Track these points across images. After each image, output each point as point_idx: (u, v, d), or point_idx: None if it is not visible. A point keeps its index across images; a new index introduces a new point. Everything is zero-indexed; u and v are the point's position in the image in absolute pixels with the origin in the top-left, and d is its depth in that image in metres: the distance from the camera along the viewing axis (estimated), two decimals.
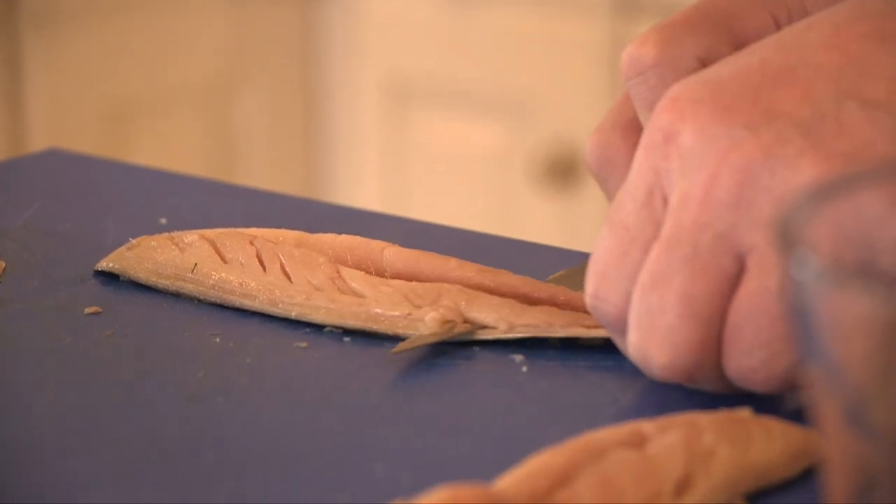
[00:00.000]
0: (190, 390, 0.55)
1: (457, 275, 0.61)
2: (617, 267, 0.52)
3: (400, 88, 1.99)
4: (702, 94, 0.52)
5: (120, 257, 0.65)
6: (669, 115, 0.52)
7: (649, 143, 0.52)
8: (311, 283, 0.61)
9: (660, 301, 0.51)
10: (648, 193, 0.52)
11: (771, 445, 0.48)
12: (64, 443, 0.51)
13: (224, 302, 0.62)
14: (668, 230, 0.51)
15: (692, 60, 0.67)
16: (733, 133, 0.50)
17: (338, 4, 2.03)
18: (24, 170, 0.81)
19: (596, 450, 0.47)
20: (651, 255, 0.51)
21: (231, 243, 0.63)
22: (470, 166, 1.94)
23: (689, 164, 0.51)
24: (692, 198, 0.51)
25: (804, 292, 0.36)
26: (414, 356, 0.58)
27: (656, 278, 0.51)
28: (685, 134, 0.51)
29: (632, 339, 0.52)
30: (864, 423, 0.36)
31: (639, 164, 0.52)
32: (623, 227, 0.52)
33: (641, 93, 0.68)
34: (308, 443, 0.51)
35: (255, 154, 2.02)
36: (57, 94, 1.79)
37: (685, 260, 0.50)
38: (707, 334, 0.51)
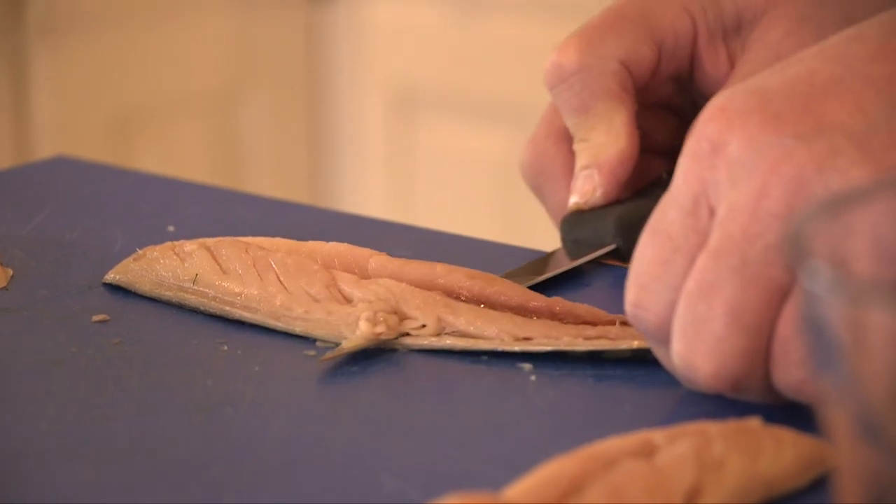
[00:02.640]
0: (198, 400, 0.55)
1: (442, 282, 0.61)
2: (659, 276, 0.52)
3: (404, 96, 1.99)
4: (750, 104, 0.51)
5: (126, 269, 0.64)
6: (717, 124, 0.51)
7: (695, 152, 0.51)
8: (309, 294, 0.60)
9: (707, 310, 0.50)
10: (694, 203, 0.51)
11: (781, 455, 0.48)
12: (70, 452, 0.51)
13: (225, 314, 0.61)
14: (717, 240, 0.50)
15: (613, 63, 0.68)
16: (784, 143, 0.50)
17: (342, 12, 2.04)
18: (31, 177, 0.81)
19: (605, 459, 0.47)
20: (698, 265, 0.51)
21: (228, 252, 0.63)
22: (475, 174, 1.94)
23: (738, 174, 0.50)
24: (742, 208, 0.50)
25: (816, 303, 0.36)
26: (422, 366, 0.58)
27: (703, 288, 0.50)
28: (733, 144, 0.51)
29: (676, 349, 0.51)
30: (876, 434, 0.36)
31: (684, 173, 0.52)
32: (666, 236, 0.52)
33: (567, 99, 0.69)
34: (316, 454, 0.51)
35: (261, 162, 2.02)
36: (63, 102, 1.79)
37: (734, 270, 0.50)
38: (755, 345, 0.50)
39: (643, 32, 0.69)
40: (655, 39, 0.69)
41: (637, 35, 0.68)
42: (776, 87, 0.51)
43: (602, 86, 0.68)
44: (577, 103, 0.68)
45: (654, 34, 0.69)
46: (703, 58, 0.70)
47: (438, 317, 0.59)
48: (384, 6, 1.99)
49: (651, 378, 0.56)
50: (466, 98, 1.93)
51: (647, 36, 0.69)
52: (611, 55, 0.68)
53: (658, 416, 0.53)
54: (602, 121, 0.68)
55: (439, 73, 1.95)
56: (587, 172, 0.68)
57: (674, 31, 0.69)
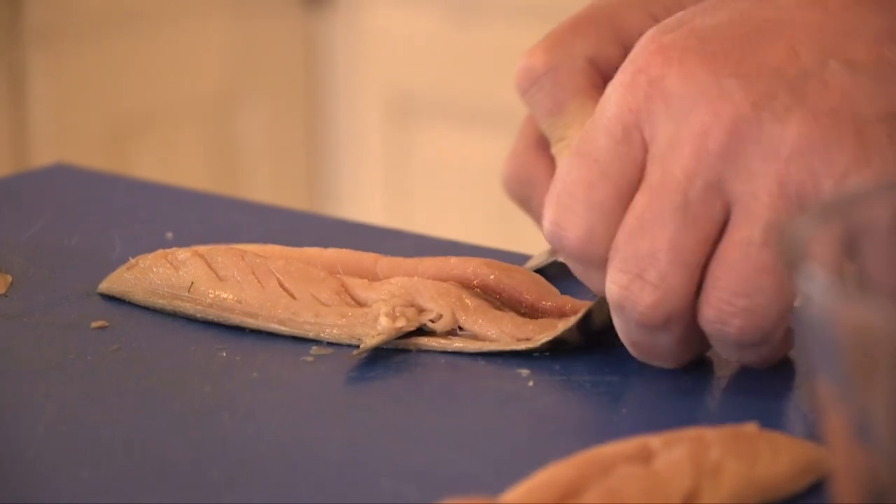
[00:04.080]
0: (196, 406, 0.55)
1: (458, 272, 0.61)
2: (582, 198, 0.53)
3: (402, 103, 1.99)
4: (688, 42, 0.53)
5: (119, 279, 0.64)
6: (655, 57, 0.53)
7: (630, 82, 0.53)
8: (318, 299, 0.61)
9: (650, 247, 0.52)
10: (625, 131, 0.53)
11: (777, 460, 0.48)
12: (69, 457, 0.51)
13: (223, 321, 0.61)
14: (657, 177, 0.52)
15: (582, 61, 0.69)
16: (722, 82, 0.51)
17: (340, 19, 2.04)
18: (30, 184, 0.81)
19: (603, 464, 0.47)
20: (638, 201, 0.52)
21: (223, 260, 0.63)
22: (473, 181, 1.94)
23: (676, 108, 0.52)
24: (683, 146, 0.52)
25: (811, 306, 0.36)
26: (420, 371, 0.58)
27: (645, 225, 0.52)
28: (671, 78, 0.52)
29: (617, 279, 0.53)
30: (872, 437, 0.36)
31: (616, 102, 0.53)
32: (593, 160, 0.53)
33: (540, 100, 0.70)
34: (314, 458, 0.51)
35: (259, 169, 2.02)
36: (61, 109, 1.80)
37: (676, 208, 0.51)
38: (693, 280, 0.52)
39: (609, 33, 0.70)
40: (621, 40, 0.70)
41: (602, 36, 0.70)
42: (711, 28, 0.53)
43: (573, 83, 0.69)
44: (549, 103, 0.69)
45: (620, 35, 0.70)
46: None
47: (452, 309, 0.59)
48: (382, 13, 2.00)
49: (648, 383, 0.56)
50: (464, 105, 1.93)
51: (613, 37, 0.70)
52: (579, 54, 0.69)
53: (655, 421, 0.53)
54: (577, 118, 0.69)
55: (437, 79, 1.96)
56: None
57: (639, 32, 0.70)
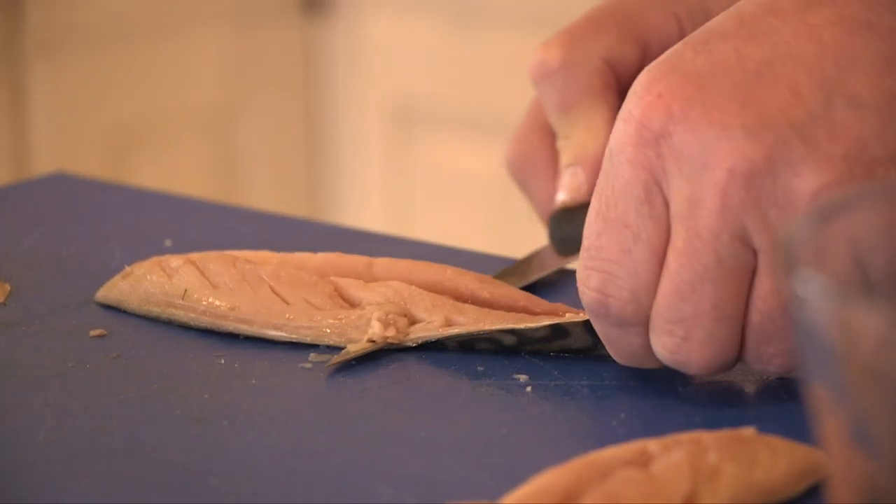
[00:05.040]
0: (195, 413, 0.55)
1: (451, 285, 0.61)
2: (622, 265, 0.53)
3: (403, 111, 1.99)
4: (687, 91, 0.52)
5: (114, 287, 0.64)
6: (657, 113, 0.52)
7: (638, 140, 0.52)
8: (311, 303, 0.61)
9: (693, 309, 0.52)
10: (646, 191, 0.52)
11: (775, 464, 0.48)
12: (68, 465, 0.51)
13: (217, 328, 0.61)
14: (684, 239, 0.52)
15: (597, 61, 0.69)
16: (731, 135, 0.51)
17: (340, 28, 2.04)
18: (30, 193, 0.81)
19: (601, 469, 0.47)
20: (671, 265, 0.52)
21: (216, 266, 0.63)
22: (473, 189, 1.94)
23: (689, 168, 0.51)
24: (703, 206, 0.51)
25: (807, 310, 0.37)
26: (418, 377, 0.58)
27: (683, 288, 0.52)
28: (679, 135, 0.52)
29: (665, 344, 0.53)
30: (868, 441, 0.36)
31: (629, 160, 0.53)
32: (623, 225, 0.53)
33: (550, 95, 0.70)
34: (313, 465, 0.51)
35: (259, 177, 2.02)
36: (62, 118, 1.80)
37: (710, 268, 0.52)
38: (738, 330, 0.53)
39: (628, 32, 0.69)
40: (640, 40, 0.70)
41: (622, 35, 0.69)
42: (708, 72, 0.52)
43: (585, 83, 0.69)
44: (559, 100, 0.69)
45: (639, 35, 0.70)
46: None
47: (446, 317, 0.59)
48: (382, 22, 2.00)
49: (646, 388, 0.56)
50: (464, 113, 1.93)
51: (632, 36, 0.69)
52: (594, 53, 0.69)
53: (653, 425, 0.53)
54: (584, 118, 0.69)
55: (437, 88, 1.96)
56: (571, 170, 0.69)
57: (659, 33, 0.70)
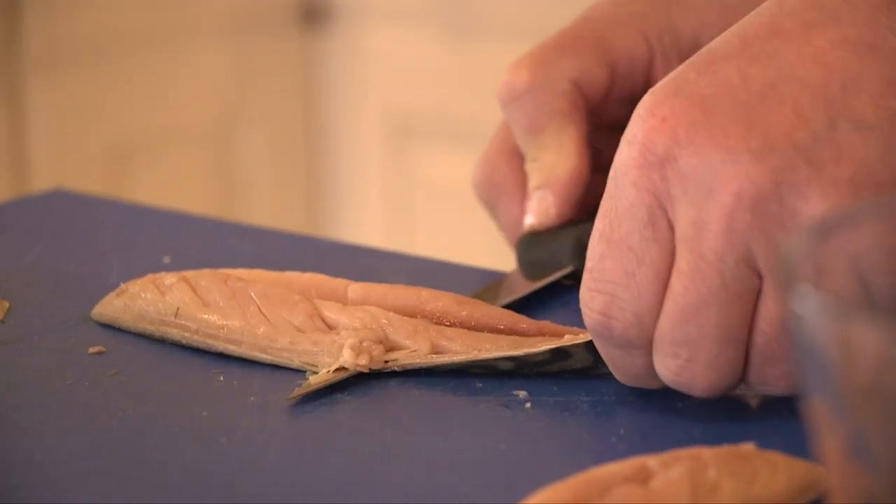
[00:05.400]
0: (193, 430, 0.55)
1: (429, 308, 0.61)
2: (626, 287, 0.53)
3: (402, 125, 1.99)
4: (692, 114, 0.52)
5: (109, 305, 0.64)
6: (662, 136, 0.52)
7: (642, 162, 0.52)
8: (292, 324, 0.60)
9: (698, 332, 0.52)
10: (650, 214, 0.52)
11: (774, 479, 0.48)
12: (67, 483, 0.51)
13: (208, 347, 0.61)
14: (689, 262, 0.51)
15: (565, 83, 0.69)
16: (737, 159, 0.51)
17: (338, 41, 2.04)
18: (28, 209, 0.81)
19: (601, 485, 0.47)
20: (676, 287, 0.52)
21: (207, 284, 0.62)
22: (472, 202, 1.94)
23: (694, 192, 0.51)
24: (709, 229, 0.51)
25: (805, 326, 0.36)
26: (416, 393, 0.58)
27: (688, 310, 0.52)
28: (684, 158, 0.51)
29: (669, 365, 0.53)
30: (867, 456, 0.36)
31: (633, 183, 0.52)
32: (626, 247, 0.53)
33: (518, 118, 0.69)
34: (310, 482, 0.51)
35: (258, 192, 2.02)
36: (60, 134, 1.80)
37: (715, 291, 0.51)
38: (743, 352, 0.52)
39: (597, 54, 0.69)
40: (609, 62, 0.69)
41: (590, 56, 0.69)
42: (712, 95, 0.52)
43: (553, 106, 0.68)
44: (527, 123, 0.69)
45: (609, 57, 0.69)
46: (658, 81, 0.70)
47: (432, 343, 0.59)
48: (380, 34, 2.00)
49: (645, 404, 0.56)
50: (464, 126, 1.93)
51: (601, 58, 0.69)
52: (563, 75, 0.69)
53: (652, 441, 0.53)
54: (552, 140, 0.69)
55: (436, 100, 1.96)
56: (540, 193, 0.69)
57: (629, 54, 0.70)
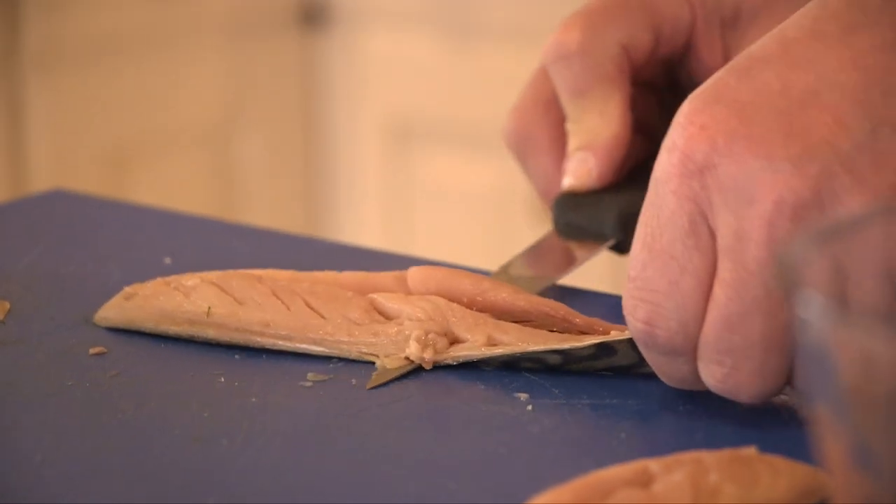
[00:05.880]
0: (194, 431, 0.55)
1: (491, 297, 0.61)
2: (669, 296, 0.53)
3: (400, 127, 1.99)
4: (731, 122, 0.51)
5: (119, 308, 0.63)
6: (701, 145, 0.51)
7: (682, 170, 0.52)
8: (348, 318, 0.60)
9: (743, 341, 0.52)
10: (692, 223, 0.52)
11: (776, 484, 0.48)
12: (67, 485, 0.51)
13: (248, 343, 0.61)
14: (732, 272, 0.51)
15: (616, 47, 0.68)
16: (777, 167, 0.50)
17: (337, 43, 2.04)
18: (28, 210, 0.81)
19: (602, 489, 0.47)
20: (719, 296, 0.52)
21: (238, 284, 0.63)
22: (471, 204, 1.94)
23: (735, 200, 0.51)
24: (750, 238, 0.51)
25: (809, 331, 0.36)
26: (418, 396, 0.58)
27: (732, 320, 0.52)
28: (724, 167, 0.51)
29: (715, 373, 0.53)
30: (870, 463, 0.36)
31: (674, 192, 0.52)
32: (669, 256, 0.52)
33: (564, 77, 0.69)
34: (311, 485, 0.51)
35: (257, 194, 2.02)
36: (59, 135, 1.80)
37: (759, 300, 0.51)
38: (788, 359, 0.52)
39: (644, 18, 0.69)
40: (654, 26, 0.69)
41: (638, 20, 0.69)
42: (751, 101, 0.51)
43: (601, 69, 0.68)
44: (573, 84, 0.68)
45: (654, 20, 0.69)
46: (699, 47, 0.70)
47: (489, 336, 0.59)
48: (379, 37, 2.00)
49: (647, 407, 0.56)
50: (463, 128, 1.93)
51: (647, 22, 0.69)
52: (613, 39, 0.68)
53: (654, 445, 0.53)
54: (597, 104, 0.68)
55: (435, 103, 1.96)
56: (581, 155, 0.68)
57: (673, 18, 0.70)
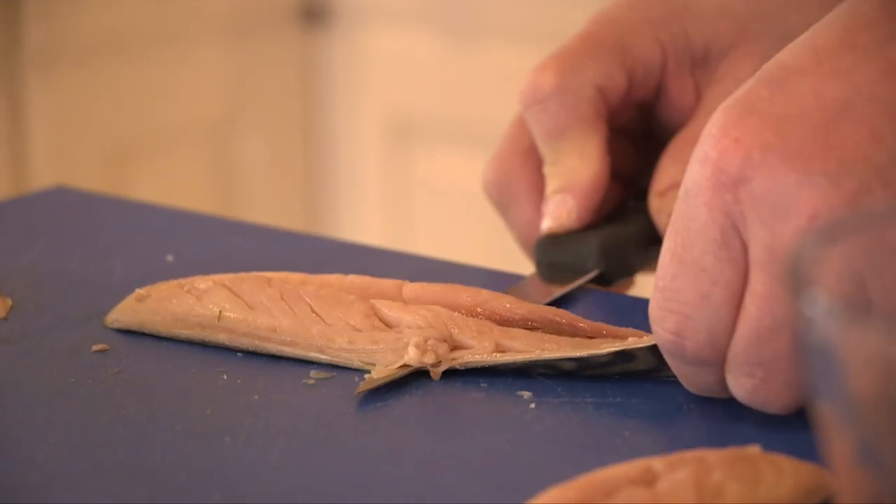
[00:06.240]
0: (197, 429, 0.55)
1: (491, 307, 0.61)
2: (699, 308, 0.52)
3: (401, 125, 1.99)
4: (766, 135, 0.51)
5: (131, 310, 0.63)
6: (735, 158, 0.51)
7: (715, 184, 0.51)
8: (349, 324, 0.60)
9: (774, 354, 0.52)
10: (724, 235, 0.52)
11: (780, 482, 0.48)
12: (69, 481, 0.51)
13: (257, 349, 0.61)
14: (764, 285, 0.51)
15: (591, 89, 0.69)
16: (813, 182, 0.50)
17: (338, 41, 2.04)
18: (30, 208, 0.81)
19: (606, 487, 0.47)
20: (751, 310, 0.52)
21: (249, 287, 0.62)
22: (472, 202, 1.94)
23: (769, 215, 0.50)
24: (784, 251, 0.50)
25: (814, 330, 0.36)
26: (420, 394, 0.58)
27: (765, 334, 0.51)
28: (758, 180, 0.51)
29: (745, 385, 0.53)
30: (875, 460, 0.36)
31: (706, 203, 0.52)
32: (699, 268, 0.52)
33: (541, 121, 0.69)
34: (314, 482, 0.51)
35: (258, 192, 2.02)
36: (60, 133, 1.80)
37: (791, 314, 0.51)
38: None
39: (618, 60, 0.69)
40: (628, 67, 0.69)
41: (612, 63, 0.69)
42: (786, 114, 0.51)
43: (577, 111, 0.68)
44: (550, 126, 0.69)
45: (627, 62, 0.69)
46: (671, 87, 0.71)
47: (497, 343, 0.59)
48: (380, 35, 2.00)
49: (650, 405, 0.56)
50: (463, 126, 1.93)
51: (621, 64, 0.69)
52: (588, 81, 0.69)
53: (658, 443, 0.53)
54: (575, 145, 0.69)
55: (436, 101, 1.96)
56: (560, 197, 0.68)
57: (645, 60, 0.70)
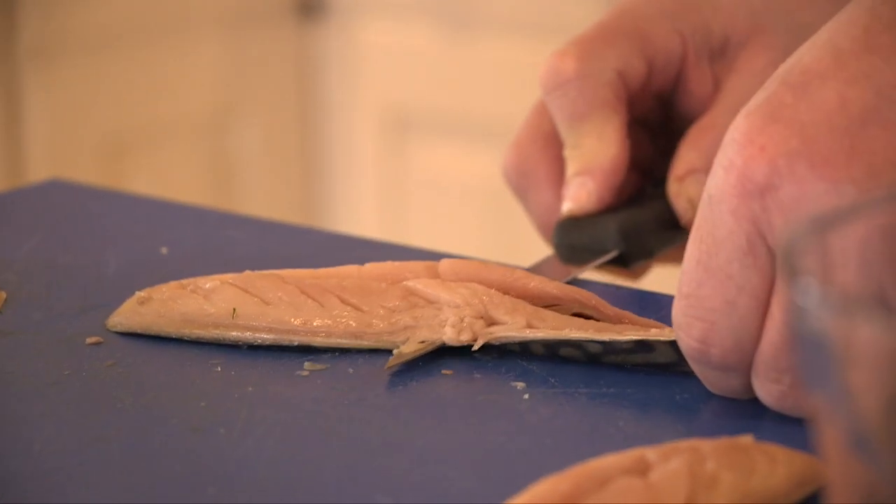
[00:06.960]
0: (191, 421, 0.55)
1: (522, 285, 0.61)
2: (726, 315, 0.52)
3: (397, 117, 1.99)
4: (791, 143, 0.50)
5: (135, 313, 0.62)
6: (761, 166, 0.51)
7: (741, 192, 0.51)
8: (386, 307, 0.61)
9: None
10: (750, 242, 0.51)
11: (773, 472, 0.48)
12: (64, 474, 0.51)
13: (280, 343, 0.60)
14: None
15: (611, 73, 0.69)
16: (840, 189, 0.50)
17: (334, 34, 2.04)
18: (25, 200, 0.81)
19: (599, 477, 0.47)
20: (778, 317, 0.52)
21: (262, 284, 0.62)
22: (467, 195, 1.94)
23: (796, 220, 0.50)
24: None
25: (808, 319, 0.36)
26: (415, 386, 0.58)
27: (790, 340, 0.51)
28: (785, 188, 0.50)
29: (770, 391, 0.53)
30: (868, 450, 0.36)
31: (733, 212, 0.52)
32: (725, 276, 0.52)
33: (562, 105, 0.69)
34: (309, 474, 0.51)
35: (254, 183, 2.02)
36: (56, 125, 1.80)
37: None
38: None
39: (637, 47, 0.70)
40: (647, 55, 0.70)
41: (632, 49, 0.70)
42: (810, 120, 0.51)
43: (598, 95, 0.69)
44: (571, 110, 0.69)
45: (647, 50, 0.70)
46: (689, 77, 0.71)
47: (528, 321, 0.59)
48: (376, 27, 2.00)
49: (644, 395, 0.56)
50: (459, 119, 1.93)
51: (641, 51, 0.70)
52: (608, 65, 0.69)
53: (651, 433, 0.53)
54: (595, 129, 0.69)
55: (432, 93, 1.96)
56: (580, 180, 0.69)
57: (665, 49, 0.70)
